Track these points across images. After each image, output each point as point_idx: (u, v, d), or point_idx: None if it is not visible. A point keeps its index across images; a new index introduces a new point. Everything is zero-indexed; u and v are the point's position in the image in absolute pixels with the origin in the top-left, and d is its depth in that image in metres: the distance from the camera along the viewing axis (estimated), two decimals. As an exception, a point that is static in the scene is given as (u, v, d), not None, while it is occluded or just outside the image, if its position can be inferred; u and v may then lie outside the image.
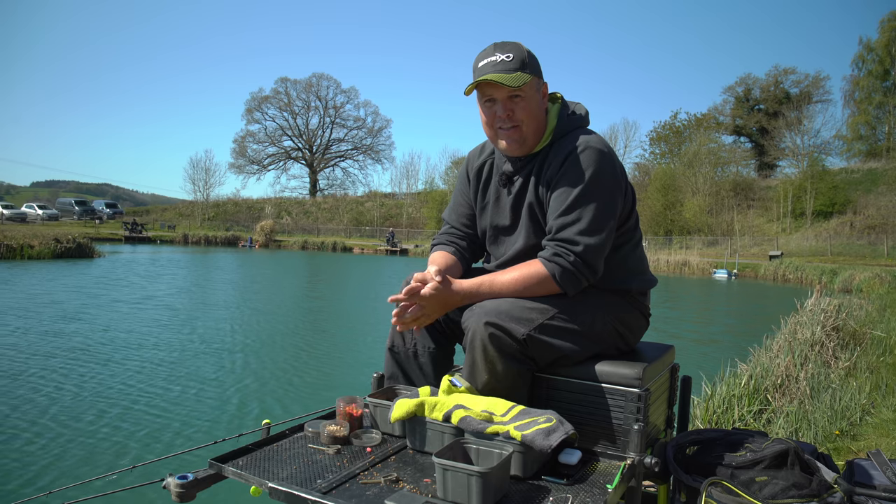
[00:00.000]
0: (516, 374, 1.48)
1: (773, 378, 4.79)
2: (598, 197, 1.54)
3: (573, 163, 1.56)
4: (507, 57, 1.55)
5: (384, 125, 66.09)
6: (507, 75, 1.53)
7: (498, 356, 1.45)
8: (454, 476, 1.14)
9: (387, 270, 26.05)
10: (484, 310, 1.48)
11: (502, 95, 1.57)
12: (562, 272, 1.51)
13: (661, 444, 1.67)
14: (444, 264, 1.71)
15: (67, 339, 7.87)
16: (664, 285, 21.76)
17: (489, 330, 1.44)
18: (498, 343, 1.44)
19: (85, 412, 5.03)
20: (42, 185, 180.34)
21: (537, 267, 1.53)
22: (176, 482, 1.23)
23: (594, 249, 1.52)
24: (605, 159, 1.56)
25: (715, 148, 45.76)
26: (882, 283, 18.72)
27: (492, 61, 1.56)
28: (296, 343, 8.70)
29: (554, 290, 1.53)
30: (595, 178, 1.54)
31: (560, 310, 1.51)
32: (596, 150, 1.56)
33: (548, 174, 1.61)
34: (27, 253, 21.62)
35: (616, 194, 1.58)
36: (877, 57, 43.46)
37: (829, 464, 1.58)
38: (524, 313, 1.47)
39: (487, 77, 1.53)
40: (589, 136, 1.61)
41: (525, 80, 1.53)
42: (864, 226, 35.29)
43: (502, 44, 1.58)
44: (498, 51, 1.57)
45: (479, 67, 1.58)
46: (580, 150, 1.57)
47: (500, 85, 1.53)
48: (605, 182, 1.56)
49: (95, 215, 47.11)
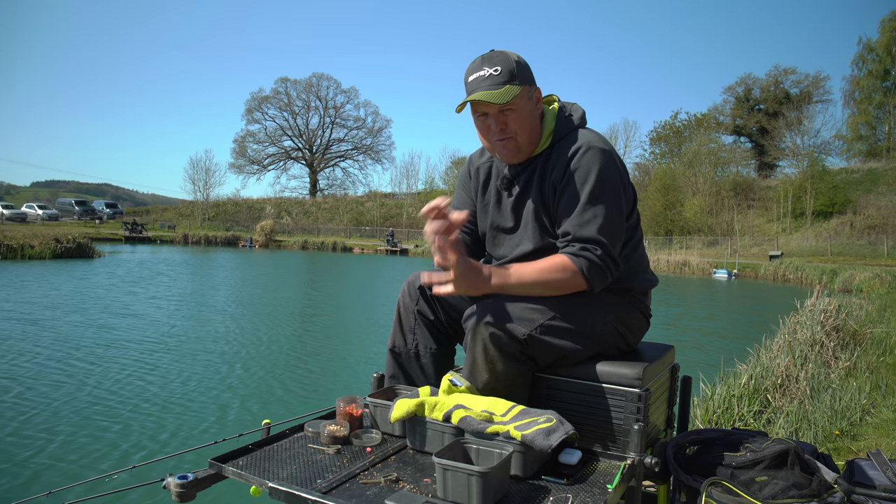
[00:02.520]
0: (517, 374, 1.48)
1: (773, 378, 4.79)
2: (608, 195, 1.55)
3: (579, 164, 1.56)
4: (494, 71, 1.54)
5: (384, 125, 66.20)
6: (495, 91, 1.52)
7: (499, 356, 1.45)
8: (454, 476, 1.14)
9: (387, 270, 26.05)
10: (485, 310, 1.48)
11: (493, 110, 1.57)
12: (589, 266, 1.50)
13: (661, 444, 1.67)
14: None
15: (67, 339, 7.87)
16: (665, 285, 21.75)
17: (490, 330, 1.44)
18: (499, 343, 1.44)
19: (85, 412, 5.03)
20: (42, 185, 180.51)
21: (564, 261, 1.52)
22: (176, 482, 1.23)
23: (614, 245, 1.54)
24: (608, 158, 1.57)
25: (715, 148, 45.79)
26: (882, 283, 18.73)
27: (480, 76, 1.55)
28: (296, 343, 8.70)
29: (580, 284, 1.51)
30: (603, 177, 1.55)
31: (561, 310, 1.51)
32: (599, 149, 1.57)
33: (553, 177, 1.61)
34: (27, 253, 21.62)
35: (621, 192, 1.59)
36: (877, 57, 43.47)
37: (829, 464, 1.57)
38: (525, 313, 1.47)
39: (475, 97, 1.53)
40: (590, 134, 1.62)
41: (514, 94, 1.52)
42: (864, 226, 35.29)
43: (490, 56, 1.57)
44: (486, 64, 1.55)
45: (469, 83, 1.58)
46: (583, 150, 1.57)
47: (489, 104, 1.54)
48: (613, 180, 1.57)
49: (95, 215, 47.11)
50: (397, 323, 1.76)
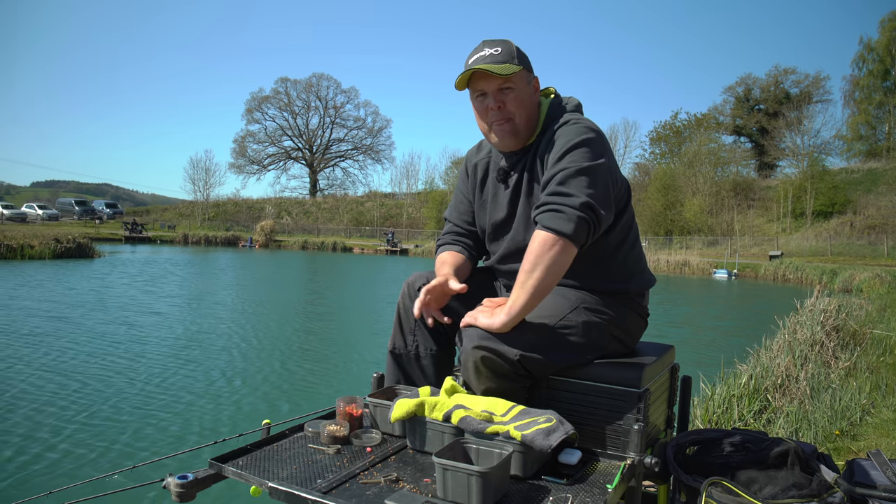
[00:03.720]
0: (512, 390, 1.47)
1: (773, 378, 4.79)
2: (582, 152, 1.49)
3: (559, 134, 1.56)
4: (495, 51, 1.58)
5: (384, 125, 66.20)
6: (496, 65, 1.55)
7: (492, 377, 1.44)
8: (454, 476, 1.14)
9: (387, 270, 26.05)
10: (476, 331, 1.44)
11: (492, 87, 1.58)
12: (556, 220, 1.40)
13: (661, 444, 1.67)
14: (455, 264, 1.72)
15: (66, 340, 7.88)
16: (665, 285, 21.76)
17: (480, 353, 1.42)
18: (490, 364, 1.42)
19: (85, 412, 5.03)
20: (42, 185, 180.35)
21: (537, 237, 1.43)
22: (176, 482, 1.23)
23: (588, 190, 1.43)
24: (590, 130, 1.54)
25: (715, 148, 45.78)
26: (882, 283, 18.73)
27: (481, 55, 1.58)
28: (296, 343, 8.71)
29: (567, 247, 1.41)
30: (579, 138, 1.51)
31: (555, 325, 1.49)
32: (583, 125, 1.55)
33: (540, 151, 1.61)
34: (27, 253, 21.63)
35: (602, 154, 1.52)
36: (877, 57, 43.45)
37: (829, 464, 1.58)
38: (516, 332, 1.43)
39: (476, 66, 1.55)
40: (578, 115, 1.63)
41: (514, 70, 1.55)
42: (864, 226, 35.29)
43: (491, 41, 1.61)
44: (487, 46, 1.60)
45: (470, 63, 1.60)
46: (567, 123, 1.58)
47: (490, 74, 1.55)
48: (595, 146, 1.52)
49: (95, 215, 47.12)
50: (397, 324, 1.75)
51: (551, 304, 1.53)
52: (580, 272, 1.59)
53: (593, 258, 1.59)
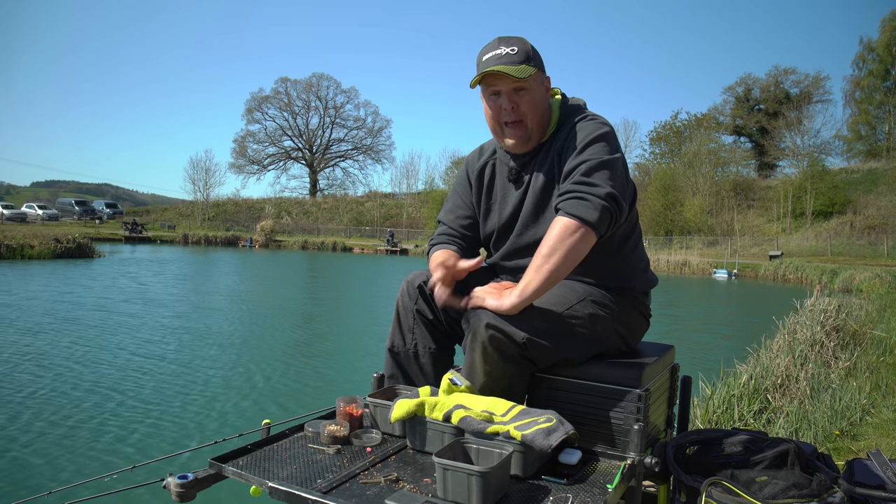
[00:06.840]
0: (515, 375, 1.48)
1: (773, 378, 4.79)
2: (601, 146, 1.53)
3: (578, 128, 1.58)
4: (511, 50, 1.56)
5: (384, 125, 66.18)
6: (513, 67, 1.53)
7: (498, 358, 1.45)
8: (454, 476, 1.14)
9: (387, 270, 26.05)
10: (486, 312, 1.46)
11: (507, 87, 1.57)
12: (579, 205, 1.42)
13: (661, 444, 1.67)
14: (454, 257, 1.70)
15: (66, 340, 7.87)
16: (665, 285, 21.74)
17: (490, 332, 1.43)
18: (498, 345, 1.43)
19: (85, 412, 5.03)
20: (42, 185, 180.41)
21: (557, 223, 1.44)
22: (176, 482, 1.23)
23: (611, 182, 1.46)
24: (608, 126, 1.59)
25: (715, 148, 45.80)
26: (882, 283, 18.73)
27: (497, 54, 1.56)
28: (296, 343, 8.71)
29: (587, 235, 1.43)
30: (599, 132, 1.55)
31: (562, 313, 1.50)
32: (600, 121, 1.60)
33: (557, 146, 1.61)
34: (27, 253, 21.63)
35: (618, 147, 1.57)
36: (877, 57, 43.46)
37: (829, 464, 1.58)
38: (524, 316, 1.45)
39: (493, 68, 1.53)
40: (593, 113, 1.65)
41: (530, 73, 1.54)
42: (864, 226, 35.29)
43: (507, 38, 1.59)
44: (503, 44, 1.57)
45: (484, 61, 1.58)
46: (584, 119, 1.60)
47: (506, 76, 1.54)
48: (609, 133, 1.57)
49: (95, 215, 47.12)
50: (396, 322, 1.75)
51: (558, 294, 1.54)
52: (587, 267, 1.59)
53: (600, 254, 1.59)
